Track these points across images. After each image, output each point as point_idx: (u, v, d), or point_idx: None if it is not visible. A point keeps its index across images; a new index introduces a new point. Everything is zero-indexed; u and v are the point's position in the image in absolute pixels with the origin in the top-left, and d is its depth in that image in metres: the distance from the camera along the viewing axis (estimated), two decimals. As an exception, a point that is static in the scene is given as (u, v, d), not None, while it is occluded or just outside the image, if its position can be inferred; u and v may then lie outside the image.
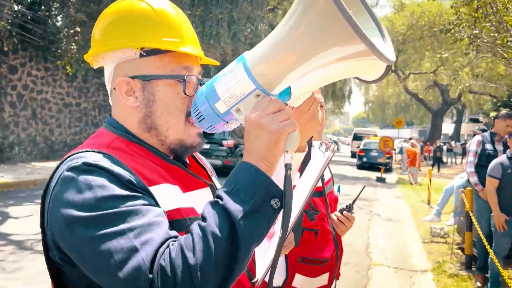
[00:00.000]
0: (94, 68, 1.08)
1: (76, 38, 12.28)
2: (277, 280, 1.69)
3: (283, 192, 0.77)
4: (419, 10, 24.44)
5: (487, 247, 3.98)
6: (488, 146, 4.77)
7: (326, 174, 1.97)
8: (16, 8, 11.72)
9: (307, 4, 0.71)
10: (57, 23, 13.11)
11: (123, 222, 0.74)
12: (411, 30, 24.76)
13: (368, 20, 0.81)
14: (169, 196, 0.87)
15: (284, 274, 1.70)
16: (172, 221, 0.83)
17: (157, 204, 0.83)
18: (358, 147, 21.41)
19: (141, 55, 0.92)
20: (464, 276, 4.72)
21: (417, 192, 11.93)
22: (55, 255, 0.84)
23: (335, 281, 1.90)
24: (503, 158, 4.12)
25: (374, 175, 15.95)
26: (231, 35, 13.25)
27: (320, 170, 1.14)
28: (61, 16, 12.78)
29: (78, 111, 15.95)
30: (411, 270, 5.12)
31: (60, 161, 0.88)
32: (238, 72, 0.80)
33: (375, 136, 24.84)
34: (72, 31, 12.16)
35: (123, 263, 0.71)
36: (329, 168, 1.92)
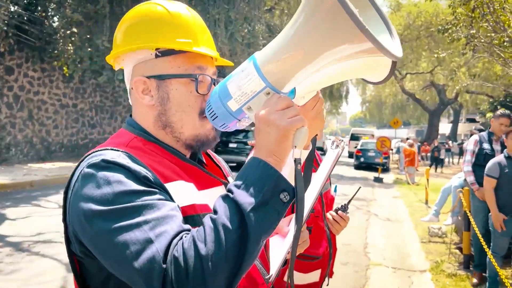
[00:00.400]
0: (115, 70, 1.11)
1: (73, 39, 12.25)
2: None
3: (294, 186, 0.79)
4: (416, 10, 24.51)
5: (484, 246, 3.98)
6: (486, 146, 4.79)
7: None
8: (12, 9, 11.68)
9: (314, 4, 0.73)
10: (54, 24, 13.07)
11: (139, 215, 0.78)
12: (408, 30, 24.81)
13: (375, 17, 0.82)
14: (184, 193, 0.92)
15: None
16: (187, 217, 0.86)
17: (172, 200, 0.86)
18: (356, 147, 21.44)
19: (156, 56, 0.97)
20: (463, 276, 4.72)
21: (415, 192, 11.95)
22: (76, 248, 0.88)
23: (328, 279, 1.92)
24: (501, 158, 4.13)
25: (372, 175, 15.95)
26: (228, 36, 13.26)
27: (331, 166, 1.18)
28: (58, 17, 12.73)
29: (75, 112, 15.91)
30: (410, 270, 5.12)
31: (81, 159, 0.93)
32: (249, 71, 0.83)
33: (367, 137, 24.90)
34: (69, 32, 12.13)
35: (139, 254, 0.74)
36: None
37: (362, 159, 19.66)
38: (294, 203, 0.80)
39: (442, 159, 21.65)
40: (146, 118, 1.01)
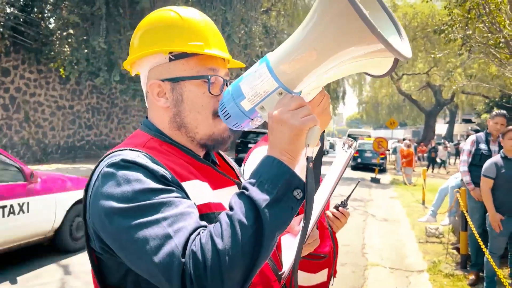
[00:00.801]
0: (132, 75, 1.13)
1: (69, 40, 12.22)
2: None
3: (305, 183, 0.81)
4: (412, 11, 24.57)
5: (482, 246, 4.00)
6: (483, 146, 4.81)
7: (323, 174, 1.98)
8: (9, 11, 11.65)
9: (326, 5, 0.74)
10: (50, 25, 13.04)
11: (158, 212, 0.81)
12: (404, 31, 24.89)
13: (384, 18, 0.84)
14: (199, 192, 0.95)
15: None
16: (202, 215, 0.89)
17: (189, 198, 0.89)
18: (353, 148, 21.44)
19: (170, 59, 1.01)
20: (460, 276, 4.74)
21: (412, 192, 11.98)
22: (96, 245, 0.91)
23: (333, 278, 1.91)
24: (497, 158, 4.14)
25: (369, 176, 15.98)
26: (225, 37, 13.24)
27: (343, 167, 1.18)
28: (54, 18, 12.71)
29: (71, 114, 15.87)
30: (407, 270, 5.13)
31: (101, 159, 0.95)
32: (262, 72, 0.85)
33: (367, 138, 24.95)
34: (65, 33, 12.10)
35: (158, 249, 0.77)
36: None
37: (359, 160, 19.71)
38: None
39: (444, 161, 21.69)
40: (162, 120, 1.04)
